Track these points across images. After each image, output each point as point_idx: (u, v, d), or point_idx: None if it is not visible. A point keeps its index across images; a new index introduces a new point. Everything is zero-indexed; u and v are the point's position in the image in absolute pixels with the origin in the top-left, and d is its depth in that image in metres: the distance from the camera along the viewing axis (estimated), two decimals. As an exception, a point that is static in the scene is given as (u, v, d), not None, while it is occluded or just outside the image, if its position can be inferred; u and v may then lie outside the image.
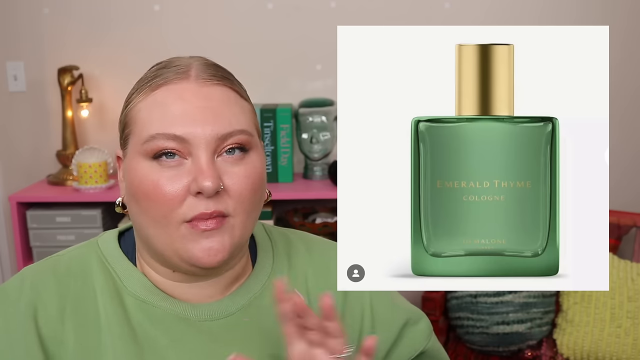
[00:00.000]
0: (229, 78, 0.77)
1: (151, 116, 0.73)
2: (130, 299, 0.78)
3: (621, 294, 1.90)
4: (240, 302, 0.81)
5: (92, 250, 0.82)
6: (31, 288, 0.77)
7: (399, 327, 0.90)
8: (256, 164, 0.76)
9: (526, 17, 2.30)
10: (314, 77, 2.36)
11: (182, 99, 0.73)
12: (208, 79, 0.74)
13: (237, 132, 0.74)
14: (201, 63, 0.76)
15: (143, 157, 0.73)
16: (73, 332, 0.75)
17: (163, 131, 0.72)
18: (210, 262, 0.73)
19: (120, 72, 2.35)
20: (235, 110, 0.75)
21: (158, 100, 0.73)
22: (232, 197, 0.73)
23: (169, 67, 0.75)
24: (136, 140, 0.74)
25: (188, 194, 0.72)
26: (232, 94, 0.76)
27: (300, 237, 0.91)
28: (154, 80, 0.75)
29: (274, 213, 2.26)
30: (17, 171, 2.41)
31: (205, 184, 0.70)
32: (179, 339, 0.77)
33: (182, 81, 0.74)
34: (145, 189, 0.72)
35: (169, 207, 0.72)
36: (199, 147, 0.72)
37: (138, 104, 0.75)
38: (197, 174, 0.71)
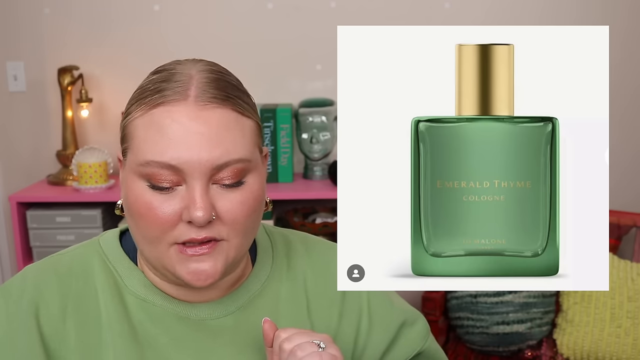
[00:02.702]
0: (231, 96, 0.73)
1: (147, 137, 0.71)
2: (131, 298, 0.78)
3: (621, 294, 1.90)
4: (239, 302, 0.81)
5: (94, 250, 0.82)
6: (33, 286, 0.77)
7: (396, 327, 0.90)
8: (254, 188, 0.74)
9: (526, 17, 2.30)
10: (314, 77, 2.36)
11: (179, 123, 0.70)
12: (207, 102, 0.71)
13: (234, 162, 0.71)
14: (202, 80, 0.72)
15: (138, 177, 0.72)
16: (74, 330, 0.76)
17: (157, 159, 0.70)
18: (198, 285, 0.73)
19: (120, 72, 2.35)
20: (234, 136, 0.72)
21: (155, 121, 0.71)
22: (225, 223, 0.72)
23: (170, 82, 0.72)
24: (133, 158, 0.73)
25: (180, 220, 0.72)
26: (232, 116, 0.72)
27: (299, 238, 0.91)
28: (153, 96, 0.72)
29: (274, 213, 2.26)
30: (17, 171, 2.41)
31: (196, 214, 0.70)
32: (179, 337, 0.78)
33: (180, 103, 0.70)
34: (139, 209, 0.72)
35: (162, 228, 0.72)
36: (192, 176, 0.70)
37: (135, 119, 0.73)
38: (190, 203, 0.70)
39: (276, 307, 0.83)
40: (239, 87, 0.76)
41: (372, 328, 0.88)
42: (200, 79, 0.72)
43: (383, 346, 0.89)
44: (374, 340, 0.88)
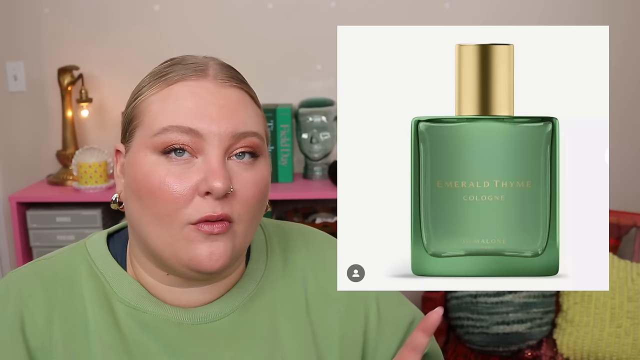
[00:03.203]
0: (245, 82, 0.76)
1: (165, 109, 0.71)
2: (120, 306, 0.76)
3: (621, 294, 1.90)
4: (234, 304, 0.80)
5: (80, 254, 0.79)
6: (17, 296, 0.74)
7: (405, 326, 0.88)
8: (264, 172, 0.75)
9: (526, 17, 2.30)
10: (314, 77, 2.36)
11: (199, 96, 0.71)
12: (227, 80, 0.73)
13: (251, 134, 0.72)
14: (218, 63, 0.75)
15: (151, 151, 0.71)
16: (61, 342, 0.74)
17: (177, 123, 0.70)
18: (211, 266, 0.71)
19: (120, 72, 2.35)
20: (251, 113, 0.74)
21: (173, 95, 0.71)
22: (239, 202, 0.71)
23: (185, 64, 0.74)
24: (145, 132, 0.72)
25: (196, 194, 0.70)
26: (248, 98, 0.75)
27: (297, 230, 0.90)
28: (169, 75, 0.73)
29: (274, 213, 2.26)
30: (17, 171, 2.41)
31: (216, 184, 0.68)
32: (172, 344, 0.76)
33: (200, 79, 0.72)
34: (151, 185, 0.70)
35: (175, 206, 0.69)
36: (212, 143, 0.70)
37: (150, 96, 0.73)
38: (208, 173, 0.69)
39: (273, 308, 0.82)
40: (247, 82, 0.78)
41: (382, 326, 0.86)
42: (215, 64, 0.75)
43: (395, 345, 0.87)
44: (385, 339, 0.87)
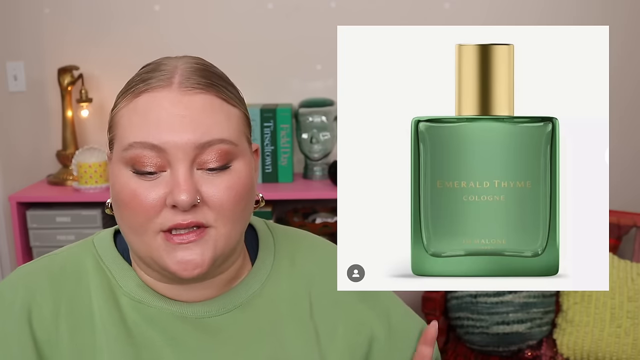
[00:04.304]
0: (215, 84, 0.74)
1: (131, 123, 0.72)
2: (125, 299, 0.77)
3: (621, 294, 1.90)
4: (238, 300, 0.80)
5: (88, 250, 0.81)
6: (25, 289, 0.76)
7: (415, 337, 0.88)
8: (241, 174, 0.74)
9: (526, 17, 2.30)
10: (314, 77, 2.36)
11: (162, 108, 0.71)
12: (190, 88, 0.72)
13: (217, 142, 0.71)
14: (187, 68, 0.74)
15: (123, 165, 0.73)
16: (67, 334, 0.75)
17: (141, 139, 0.71)
18: (185, 275, 0.72)
19: (120, 72, 2.34)
20: (218, 118, 0.72)
21: (139, 107, 0.72)
22: (212, 208, 0.72)
23: (155, 72, 0.74)
24: (118, 146, 0.74)
25: (164, 206, 0.71)
26: (216, 102, 0.73)
27: (308, 238, 0.91)
28: (137, 85, 0.73)
29: (274, 213, 2.26)
30: (17, 171, 2.41)
31: (180, 197, 0.69)
32: (176, 337, 0.77)
33: (163, 89, 0.71)
34: (124, 198, 0.72)
35: (146, 216, 0.71)
36: (176, 156, 0.70)
37: (121, 109, 0.74)
38: (174, 187, 0.70)
39: (276, 308, 0.82)
40: (224, 78, 0.76)
41: (393, 337, 0.86)
42: (184, 69, 0.73)
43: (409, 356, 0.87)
44: (400, 350, 0.86)
